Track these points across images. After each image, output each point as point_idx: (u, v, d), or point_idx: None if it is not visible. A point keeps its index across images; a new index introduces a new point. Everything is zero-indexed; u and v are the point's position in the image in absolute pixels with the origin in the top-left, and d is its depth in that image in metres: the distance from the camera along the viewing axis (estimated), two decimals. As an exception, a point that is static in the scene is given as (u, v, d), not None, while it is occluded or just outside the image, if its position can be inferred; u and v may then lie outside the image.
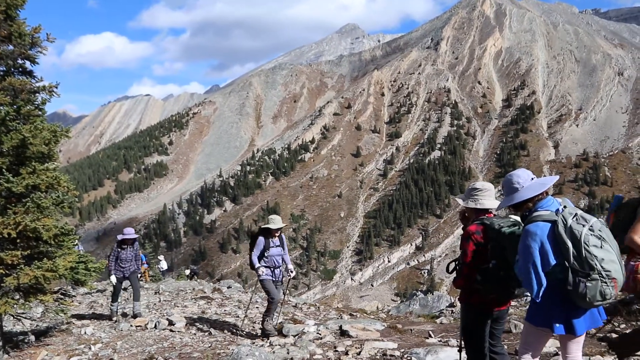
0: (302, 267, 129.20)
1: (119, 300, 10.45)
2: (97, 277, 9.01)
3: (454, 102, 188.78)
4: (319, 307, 11.66)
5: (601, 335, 7.01)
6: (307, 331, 8.05)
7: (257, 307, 11.08)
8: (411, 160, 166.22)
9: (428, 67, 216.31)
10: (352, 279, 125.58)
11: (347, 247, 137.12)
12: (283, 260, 8.40)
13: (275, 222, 8.18)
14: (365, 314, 11.23)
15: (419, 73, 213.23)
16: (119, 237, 10.09)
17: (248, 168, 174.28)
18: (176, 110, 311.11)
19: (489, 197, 4.41)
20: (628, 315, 7.66)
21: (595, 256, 3.33)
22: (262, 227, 8.19)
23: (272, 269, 8.12)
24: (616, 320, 7.67)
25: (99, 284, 15.88)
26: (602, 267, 3.33)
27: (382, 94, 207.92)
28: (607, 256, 3.35)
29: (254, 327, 8.90)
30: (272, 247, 8.14)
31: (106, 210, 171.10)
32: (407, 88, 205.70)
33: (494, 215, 4.41)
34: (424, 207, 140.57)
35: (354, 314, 10.99)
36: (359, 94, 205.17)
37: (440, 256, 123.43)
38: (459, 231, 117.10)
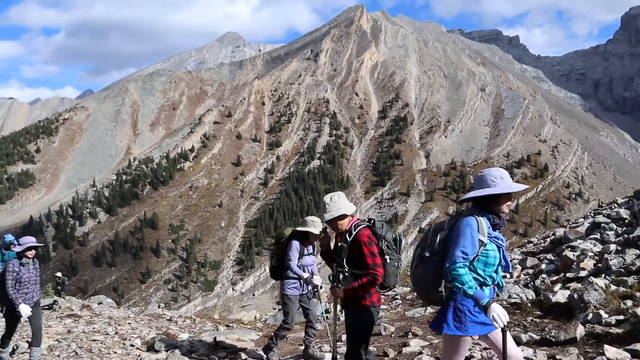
0: (182, 279, 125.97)
1: (8, 347, 7.56)
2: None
3: (332, 113, 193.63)
4: (194, 320, 11.50)
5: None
6: (180, 345, 7.94)
7: (128, 323, 10.72)
8: (291, 169, 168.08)
9: (308, 78, 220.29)
10: (233, 289, 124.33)
11: (228, 257, 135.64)
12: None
13: (317, 225, 6.63)
14: (242, 324, 11.22)
15: (299, 83, 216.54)
16: (17, 248, 7.38)
17: (124, 177, 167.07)
18: (44, 115, 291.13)
19: (344, 204, 4.66)
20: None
21: None
22: (300, 230, 6.74)
23: (301, 281, 6.85)
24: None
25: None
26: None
27: (263, 103, 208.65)
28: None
29: (124, 343, 8.62)
30: (306, 255, 6.88)
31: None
32: (288, 98, 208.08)
33: (359, 219, 4.72)
34: (304, 216, 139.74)
35: (231, 324, 10.97)
36: (240, 103, 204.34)
37: (320, 263, 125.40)
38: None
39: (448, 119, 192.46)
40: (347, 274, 4.51)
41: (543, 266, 10.57)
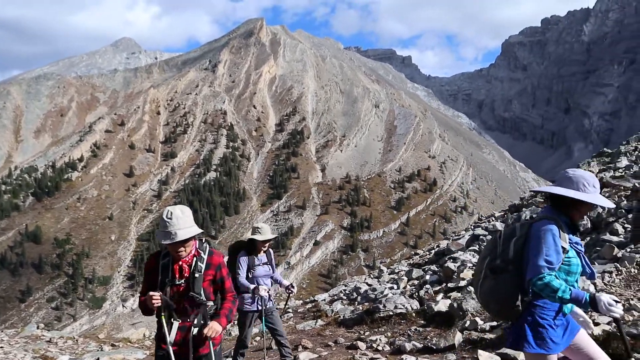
0: (67, 297, 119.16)
1: None
2: None
3: (229, 124, 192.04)
4: (77, 340, 10.96)
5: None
6: (60, 367, 7.56)
7: (1, 347, 10.01)
8: (187, 181, 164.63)
9: (205, 89, 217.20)
10: (123, 306, 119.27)
11: (119, 272, 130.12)
12: (272, 281, 6.50)
13: (264, 232, 6.23)
14: (129, 343, 10.86)
15: (196, 94, 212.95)
16: None
17: (3, 187, 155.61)
18: None
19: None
20: (372, 323, 8.62)
21: None
22: (247, 239, 6.29)
23: (255, 295, 6.16)
24: (362, 329, 8.57)
25: None
26: None
27: (158, 113, 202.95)
28: None
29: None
30: (258, 265, 6.27)
31: None
32: (184, 108, 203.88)
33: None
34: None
35: (116, 344, 10.58)
36: (134, 112, 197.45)
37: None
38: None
39: (344, 134, 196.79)
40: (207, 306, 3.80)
41: (427, 277, 11.09)
